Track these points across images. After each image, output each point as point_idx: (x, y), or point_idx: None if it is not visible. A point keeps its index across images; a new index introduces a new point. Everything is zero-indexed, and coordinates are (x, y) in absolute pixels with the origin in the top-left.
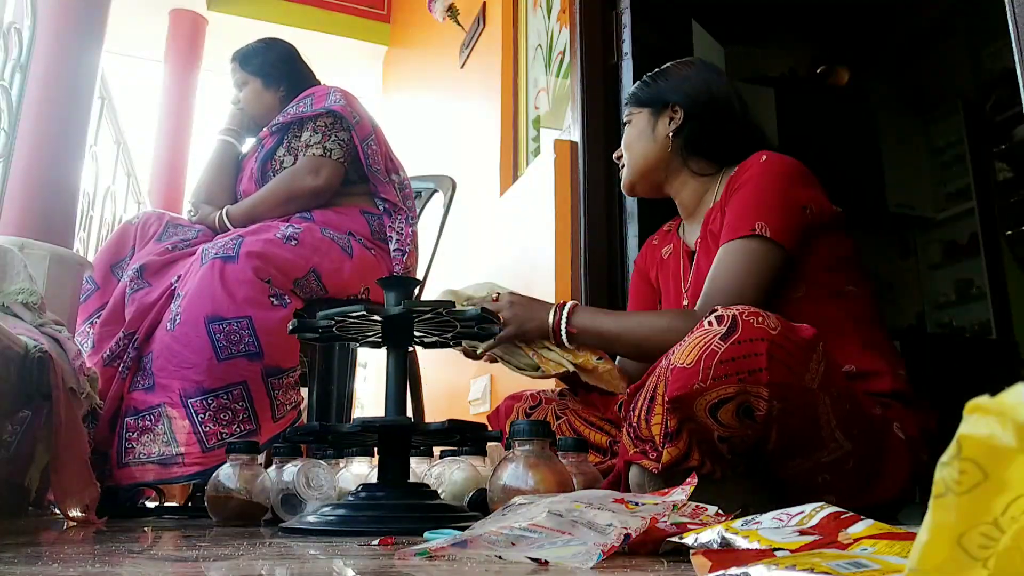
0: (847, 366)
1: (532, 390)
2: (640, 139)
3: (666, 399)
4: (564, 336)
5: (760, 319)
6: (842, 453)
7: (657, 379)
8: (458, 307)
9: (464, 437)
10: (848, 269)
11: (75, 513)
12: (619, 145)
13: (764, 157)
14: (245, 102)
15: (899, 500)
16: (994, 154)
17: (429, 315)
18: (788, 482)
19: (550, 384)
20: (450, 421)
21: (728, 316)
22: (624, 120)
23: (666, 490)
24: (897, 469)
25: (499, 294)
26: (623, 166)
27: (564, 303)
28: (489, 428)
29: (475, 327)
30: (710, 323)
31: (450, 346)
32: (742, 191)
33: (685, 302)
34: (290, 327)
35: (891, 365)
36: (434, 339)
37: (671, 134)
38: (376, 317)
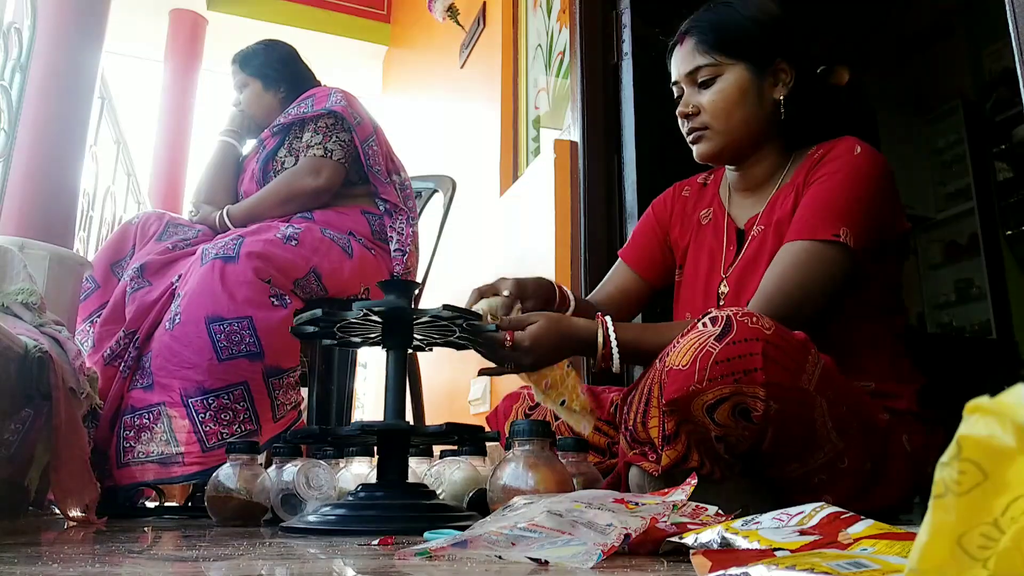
0: (866, 383)
1: (529, 390)
2: (744, 101)
3: (663, 402)
4: (616, 355)
5: (754, 320)
6: (835, 453)
7: (651, 381)
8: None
9: (463, 438)
10: (897, 288)
11: (75, 513)
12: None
13: (859, 149)
14: (246, 104)
15: (896, 510)
16: (994, 154)
17: (446, 321)
18: (785, 484)
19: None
20: (448, 424)
21: (722, 317)
22: (695, 66)
23: (666, 490)
24: (897, 477)
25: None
26: (697, 128)
27: (602, 317)
28: (488, 429)
29: (457, 332)
30: (704, 324)
31: (424, 349)
32: (830, 180)
33: (724, 289)
34: (296, 321)
35: (912, 384)
36: (418, 342)
37: (783, 99)
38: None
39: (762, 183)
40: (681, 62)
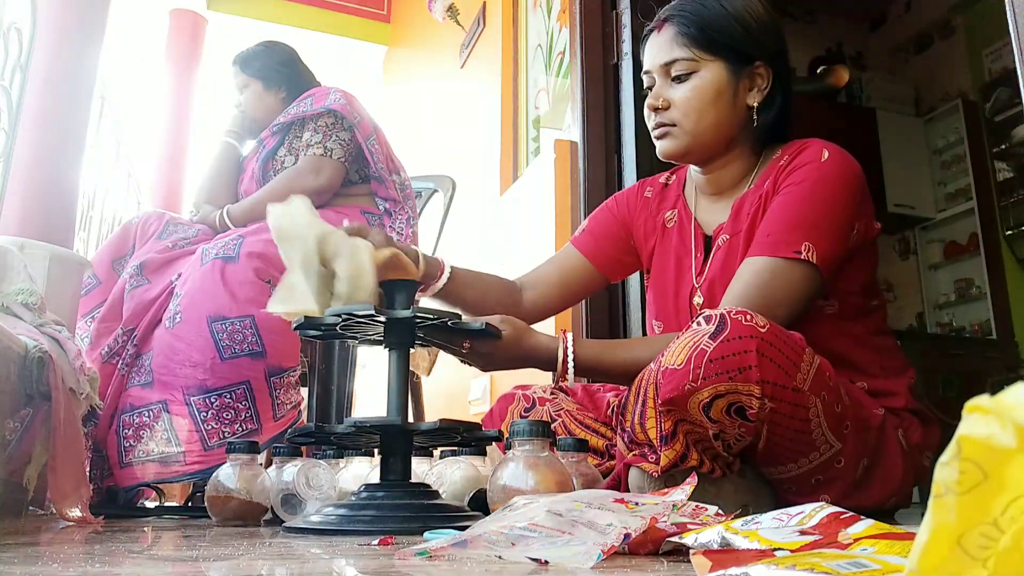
0: (860, 383)
1: (524, 391)
2: (717, 102)
3: (659, 402)
4: (571, 371)
5: (748, 318)
6: (832, 452)
7: (647, 382)
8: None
9: (459, 436)
10: (874, 284)
11: (72, 513)
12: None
13: (826, 154)
14: (246, 105)
15: (892, 508)
16: (994, 154)
17: (434, 322)
18: (783, 484)
19: (543, 382)
20: (441, 420)
21: (716, 316)
22: (671, 58)
23: (666, 490)
24: (891, 474)
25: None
26: (665, 123)
27: (565, 333)
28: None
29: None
30: (699, 324)
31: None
32: (795, 192)
33: (699, 299)
34: (294, 325)
35: (905, 380)
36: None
37: (757, 104)
38: (380, 319)
39: (730, 187)
40: (657, 51)
